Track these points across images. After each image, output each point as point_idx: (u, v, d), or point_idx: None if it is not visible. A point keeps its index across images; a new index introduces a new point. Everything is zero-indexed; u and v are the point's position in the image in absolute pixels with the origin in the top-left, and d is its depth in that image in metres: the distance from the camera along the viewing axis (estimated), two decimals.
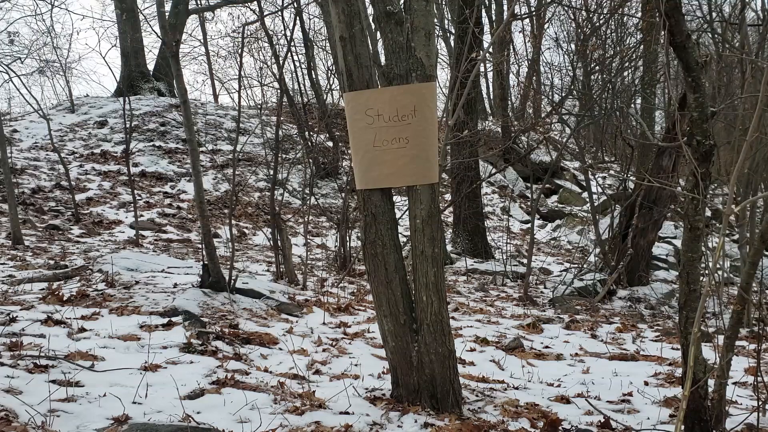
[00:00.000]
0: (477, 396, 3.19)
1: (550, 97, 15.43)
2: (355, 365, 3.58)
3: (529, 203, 14.07)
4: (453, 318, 5.24)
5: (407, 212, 2.95)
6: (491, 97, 19.71)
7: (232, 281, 4.89)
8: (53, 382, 2.78)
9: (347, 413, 2.80)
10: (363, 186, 2.89)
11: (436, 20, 11.37)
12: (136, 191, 9.70)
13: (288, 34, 10.93)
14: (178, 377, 3.01)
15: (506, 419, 2.87)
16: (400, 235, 2.99)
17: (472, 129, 8.79)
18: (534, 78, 16.56)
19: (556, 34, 15.75)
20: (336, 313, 5.03)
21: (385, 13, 2.76)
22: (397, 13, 2.76)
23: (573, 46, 12.59)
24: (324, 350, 3.90)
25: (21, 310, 4.01)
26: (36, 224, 8.49)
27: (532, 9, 15.06)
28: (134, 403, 2.69)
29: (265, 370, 3.34)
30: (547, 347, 4.53)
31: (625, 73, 12.32)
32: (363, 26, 2.83)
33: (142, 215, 9.63)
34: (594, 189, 10.48)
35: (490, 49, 10.90)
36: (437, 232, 2.84)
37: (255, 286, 5.11)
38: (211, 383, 3.03)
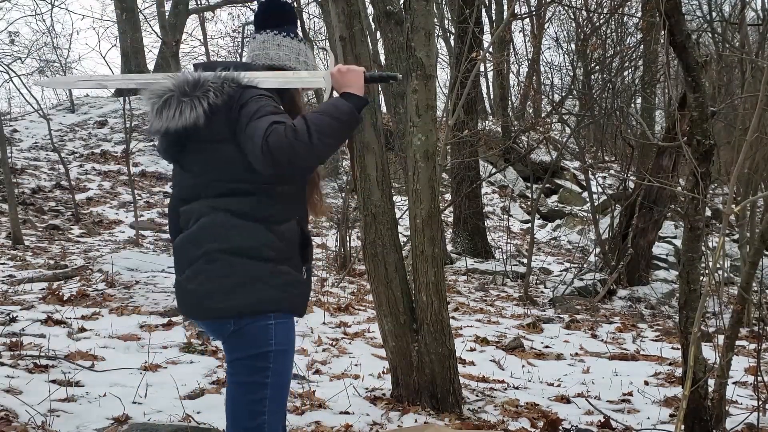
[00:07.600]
0: (477, 396, 3.19)
1: (550, 97, 15.42)
2: (355, 365, 3.57)
3: (529, 203, 14.05)
4: (453, 318, 5.23)
5: (407, 212, 2.95)
6: (491, 97, 19.68)
7: None
8: (53, 382, 2.78)
9: (347, 413, 2.80)
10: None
11: (436, 20, 11.36)
12: (136, 191, 9.69)
13: None
14: (178, 377, 3.01)
15: (506, 419, 2.87)
16: (400, 235, 2.99)
17: (472, 129, 8.77)
18: (534, 78, 16.54)
19: (556, 34, 15.70)
20: (336, 313, 5.03)
21: (385, 13, 2.76)
22: (397, 13, 2.76)
23: (573, 46, 12.60)
24: (324, 350, 3.89)
25: (21, 310, 4.01)
26: (36, 224, 8.49)
27: (532, 9, 15.02)
28: (134, 403, 2.69)
29: None
30: (547, 347, 4.53)
31: (625, 73, 12.32)
32: (363, 26, 2.83)
33: (142, 215, 9.62)
34: (594, 189, 10.46)
35: (490, 49, 10.89)
36: (437, 232, 2.84)
37: None
38: (211, 383, 3.03)
